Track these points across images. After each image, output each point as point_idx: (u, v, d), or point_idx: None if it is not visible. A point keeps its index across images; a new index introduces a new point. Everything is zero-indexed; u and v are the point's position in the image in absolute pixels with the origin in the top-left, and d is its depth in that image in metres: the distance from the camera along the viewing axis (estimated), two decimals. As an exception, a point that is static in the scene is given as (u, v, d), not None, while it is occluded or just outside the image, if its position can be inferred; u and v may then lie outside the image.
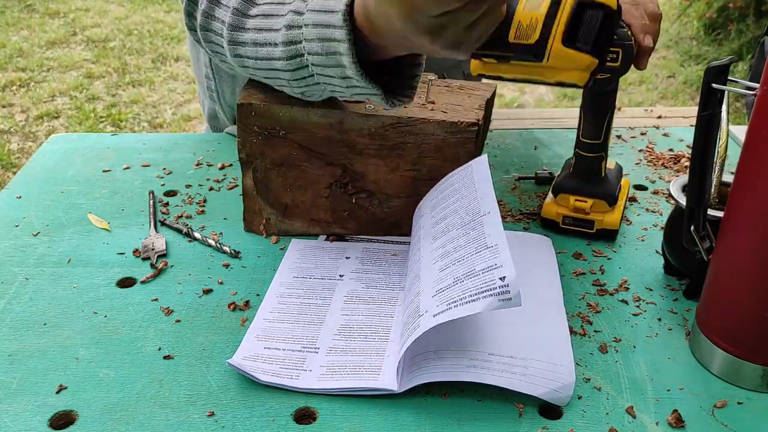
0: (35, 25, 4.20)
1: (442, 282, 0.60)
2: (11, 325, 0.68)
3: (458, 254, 0.61)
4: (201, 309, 0.70)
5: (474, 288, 0.56)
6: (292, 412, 0.58)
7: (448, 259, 0.62)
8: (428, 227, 0.69)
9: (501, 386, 0.58)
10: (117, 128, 3.08)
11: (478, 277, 0.57)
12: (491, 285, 0.55)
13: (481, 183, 0.67)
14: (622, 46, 0.71)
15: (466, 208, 0.66)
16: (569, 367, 0.61)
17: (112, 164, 0.99)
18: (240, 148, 0.78)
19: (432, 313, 0.57)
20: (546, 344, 0.63)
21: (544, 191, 0.92)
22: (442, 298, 0.58)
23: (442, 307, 0.57)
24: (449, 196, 0.70)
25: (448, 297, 0.58)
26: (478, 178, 0.68)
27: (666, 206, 0.89)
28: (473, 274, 0.58)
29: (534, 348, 0.62)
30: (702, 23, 4.00)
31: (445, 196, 0.70)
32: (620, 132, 1.09)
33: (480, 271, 0.57)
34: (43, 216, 0.86)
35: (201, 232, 0.83)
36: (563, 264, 0.77)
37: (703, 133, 0.60)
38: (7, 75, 3.51)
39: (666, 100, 3.36)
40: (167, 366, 0.63)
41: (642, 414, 0.58)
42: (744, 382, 0.61)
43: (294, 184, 0.79)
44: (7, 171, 2.70)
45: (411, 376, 0.59)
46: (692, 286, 0.71)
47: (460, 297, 0.56)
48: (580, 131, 0.79)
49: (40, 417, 0.58)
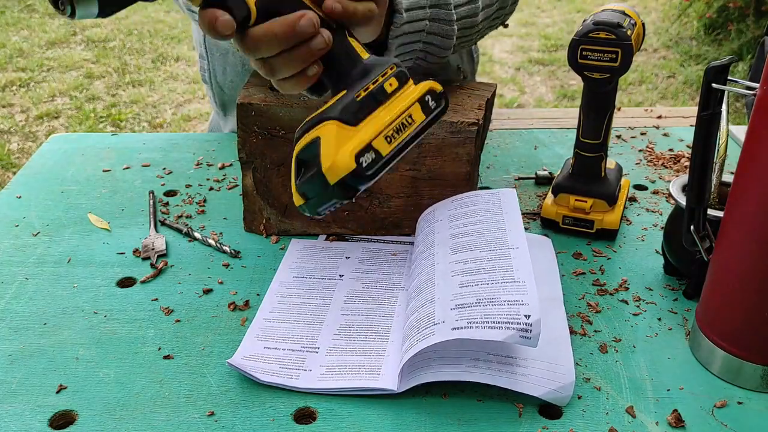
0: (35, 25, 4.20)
1: (464, 298, 0.60)
2: (11, 325, 0.68)
3: (482, 276, 0.62)
4: (201, 309, 0.70)
5: (498, 316, 0.57)
6: (292, 412, 0.58)
7: (470, 277, 0.62)
8: (445, 236, 0.69)
9: (501, 386, 0.58)
10: (117, 128, 3.08)
11: (503, 307, 0.58)
12: (515, 319, 0.56)
13: (509, 214, 0.68)
14: (620, 46, 0.71)
15: (492, 234, 0.67)
16: (569, 368, 0.61)
17: (112, 164, 0.99)
18: (240, 148, 0.78)
19: (451, 326, 0.58)
20: (546, 345, 0.63)
21: (544, 191, 0.92)
22: (462, 314, 0.59)
23: (462, 323, 0.58)
24: (472, 214, 0.70)
25: (469, 315, 0.58)
26: (506, 208, 0.69)
27: (666, 206, 0.89)
28: (498, 302, 0.58)
29: (534, 349, 0.62)
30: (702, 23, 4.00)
31: (468, 213, 0.71)
32: (620, 132, 1.09)
33: (505, 302, 0.58)
34: (43, 216, 0.86)
35: (201, 232, 0.83)
36: (563, 264, 0.77)
37: (703, 133, 0.60)
38: (7, 75, 3.51)
39: (666, 100, 3.36)
40: (167, 366, 0.63)
41: (642, 414, 0.58)
42: (744, 382, 0.61)
43: (294, 184, 0.79)
44: (7, 171, 2.70)
45: (411, 376, 0.59)
46: (692, 286, 0.71)
47: (483, 320, 0.57)
48: (580, 131, 0.79)
49: (40, 417, 0.58)
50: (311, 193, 0.51)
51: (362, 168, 0.49)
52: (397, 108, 0.52)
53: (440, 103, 0.55)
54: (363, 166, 0.49)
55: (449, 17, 0.72)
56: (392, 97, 0.53)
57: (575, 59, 0.74)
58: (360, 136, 0.50)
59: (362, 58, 0.54)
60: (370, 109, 0.52)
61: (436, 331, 0.58)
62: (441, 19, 0.72)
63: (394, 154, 0.52)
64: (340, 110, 0.50)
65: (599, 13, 0.75)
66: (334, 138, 0.49)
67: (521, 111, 1.34)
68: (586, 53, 0.73)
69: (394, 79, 0.53)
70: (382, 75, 0.53)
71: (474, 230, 0.68)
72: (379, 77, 0.53)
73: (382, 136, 0.51)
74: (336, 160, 0.49)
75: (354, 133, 0.50)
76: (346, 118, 0.50)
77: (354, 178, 0.49)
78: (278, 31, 0.52)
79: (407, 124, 0.52)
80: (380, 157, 0.50)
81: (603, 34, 0.72)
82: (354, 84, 0.52)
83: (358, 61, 0.54)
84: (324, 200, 0.51)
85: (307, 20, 0.51)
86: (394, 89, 0.53)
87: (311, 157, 0.50)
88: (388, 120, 0.51)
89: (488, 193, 0.73)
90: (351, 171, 0.49)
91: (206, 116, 3.16)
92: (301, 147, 0.51)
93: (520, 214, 0.68)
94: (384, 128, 0.51)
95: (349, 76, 0.53)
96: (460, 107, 0.76)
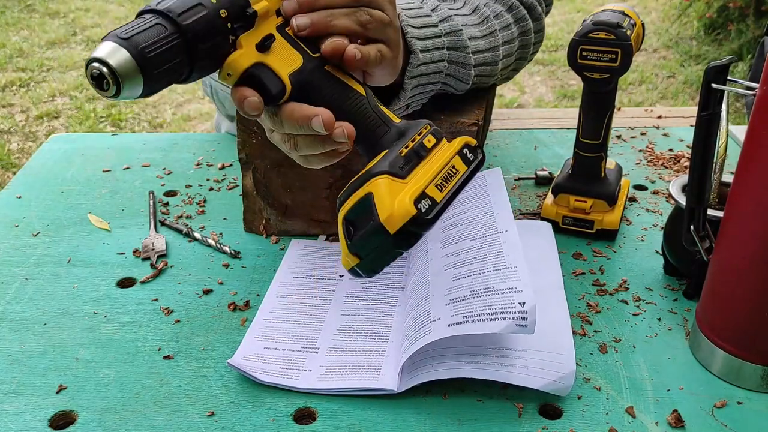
0: (35, 25, 4.20)
1: (458, 291, 0.60)
2: (11, 325, 0.68)
3: (474, 266, 0.62)
4: (201, 309, 0.70)
5: (492, 307, 0.57)
6: (292, 412, 0.58)
7: (462, 268, 0.62)
8: (437, 230, 0.69)
9: (501, 381, 0.58)
10: (117, 128, 3.08)
11: (497, 297, 0.57)
12: (510, 308, 0.56)
13: (496, 196, 0.68)
14: (620, 46, 0.71)
15: (481, 220, 0.66)
16: (570, 356, 0.60)
17: (112, 164, 0.99)
18: (240, 148, 0.78)
19: (447, 322, 0.58)
20: (545, 334, 0.62)
21: (544, 191, 0.92)
22: (457, 308, 0.58)
23: (457, 318, 0.58)
24: (461, 202, 0.70)
25: (464, 309, 0.58)
26: (492, 190, 0.68)
27: (666, 206, 0.89)
28: (491, 291, 0.58)
29: (533, 338, 0.62)
30: (702, 23, 4.00)
31: (456, 203, 0.70)
32: (620, 132, 1.09)
33: (499, 291, 0.58)
34: (43, 216, 0.86)
35: (201, 232, 0.83)
36: (563, 264, 0.77)
37: (703, 133, 0.60)
38: (7, 75, 3.51)
39: (666, 100, 3.36)
40: (167, 366, 0.63)
41: (642, 414, 0.58)
42: (744, 382, 0.61)
43: (294, 185, 0.79)
44: (7, 171, 2.70)
45: (410, 376, 0.59)
46: (692, 286, 0.71)
47: (478, 313, 0.57)
48: (580, 131, 0.79)
49: (40, 417, 0.58)
50: (366, 250, 0.51)
51: (422, 213, 0.49)
52: (440, 161, 0.54)
53: (477, 155, 0.57)
54: (422, 211, 0.49)
55: (467, 61, 0.72)
56: (433, 152, 0.54)
57: (575, 59, 0.74)
58: (412, 185, 0.51)
59: (395, 123, 0.56)
60: (416, 163, 0.53)
61: (433, 328, 0.58)
62: (458, 62, 0.73)
63: (447, 200, 0.52)
64: (389, 165, 0.51)
65: (599, 14, 0.75)
66: (387, 191, 0.50)
67: (521, 111, 1.34)
68: (585, 53, 0.73)
69: (431, 136, 0.55)
70: (419, 134, 0.55)
71: (463, 219, 0.68)
72: (416, 135, 0.55)
73: (433, 184, 0.52)
74: (395, 209, 0.49)
75: (405, 185, 0.51)
76: (395, 171, 0.51)
77: (415, 223, 0.49)
78: (298, 118, 0.53)
79: (452, 174, 0.54)
80: (436, 203, 0.51)
81: (603, 34, 0.72)
82: (393, 145, 0.54)
83: (391, 125, 0.55)
84: (382, 254, 0.51)
85: (318, 122, 0.53)
86: (432, 145, 0.55)
87: (364, 214, 0.50)
88: (436, 170, 0.53)
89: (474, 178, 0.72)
90: (412, 216, 0.49)
91: (206, 116, 3.16)
92: (350, 207, 0.52)
93: (506, 194, 0.67)
94: (433, 178, 0.52)
95: (386, 140, 0.55)
96: (460, 107, 0.76)
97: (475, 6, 0.78)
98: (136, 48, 0.45)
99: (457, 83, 0.74)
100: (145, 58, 0.46)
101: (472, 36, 0.74)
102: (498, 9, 0.80)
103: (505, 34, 0.79)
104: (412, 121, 0.56)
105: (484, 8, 0.78)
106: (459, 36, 0.72)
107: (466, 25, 0.74)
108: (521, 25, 0.82)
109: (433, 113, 0.74)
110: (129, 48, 0.45)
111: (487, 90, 0.82)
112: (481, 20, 0.77)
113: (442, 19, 0.72)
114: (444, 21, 0.72)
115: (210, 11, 0.49)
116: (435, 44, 0.70)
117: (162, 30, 0.47)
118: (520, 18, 0.81)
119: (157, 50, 0.46)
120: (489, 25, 0.77)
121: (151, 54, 0.46)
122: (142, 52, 0.45)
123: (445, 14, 0.72)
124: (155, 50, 0.46)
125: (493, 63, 0.77)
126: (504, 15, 0.80)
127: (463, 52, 0.72)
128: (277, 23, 0.54)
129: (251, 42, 0.52)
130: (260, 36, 0.53)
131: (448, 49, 0.71)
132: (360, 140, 0.55)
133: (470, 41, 0.73)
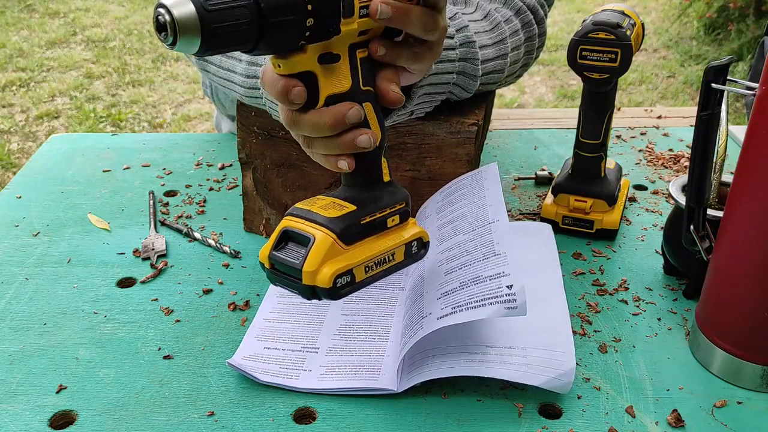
0: (35, 25, 4.20)
1: (448, 285, 0.60)
2: (11, 325, 0.68)
3: (465, 259, 0.61)
4: (201, 309, 0.70)
5: (480, 294, 0.57)
6: (292, 412, 0.58)
7: (454, 262, 0.62)
8: (434, 230, 0.69)
9: (501, 378, 0.58)
10: (117, 128, 3.08)
11: (485, 284, 0.57)
12: (498, 292, 0.56)
13: (490, 190, 0.67)
14: (620, 46, 0.71)
15: (474, 213, 0.66)
16: (569, 353, 0.60)
17: (112, 164, 0.99)
18: (240, 148, 0.78)
19: (436, 315, 0.57)
20: (545, 331, 0.62)
21: (544, 191, 0.92)
22: (447, 301, 0.58)
23: (446, 310, 0.57)
24: (457, 200, 0.70)
25: (454, 301, 0.58)
26: (487, 184, 0.68)
27: (666, 206, 0.89)
28: (480, 279, 0.58)
29: (533, 336, 0.62)
30: (702, 23, 4.00)
31: (453, 200, 0.70)
32: (620, 132, 1.09)
33: (487, 278, 0.58)
34: (43, 216, 0.86)
35: (201, 232, 0.83)
36: (563, 264, 0.77)
37: (702, 133, 0.60)
38: (7, 75, 3.51)
39: (666, 100, 3.36)
40: (167, 366, 0.63)
41: (642, 414, 0.58)
42: (744, 382, 0.61)
43: (294, 184, 0.79)
44: (7, 171, 2.70)
45: (410, 376, 0.59)
46: (692, 286, 0.71)
47: (466, 302, 0.57)
48: (580, 131, 0.79)
49: (40, 417, 0.58)
50: (279, 268, 0.54)
51: (335, 288, 0.53)
52: (387, 244, 0.57)
53: (420, 250, 0.60)
54: (336, 287, 0.53)
55: (475, 72, 0.72)
56: (388, 231, 0.57)
57: (575, 59, 0.74)
58: (346, 258, 0.54)
59: (383, 182, 0.58)
60: (366, 236, 0.56)
61: (424, 324, 0.58)
62: (467, 74, 0.72)
63: (365, 282, 0.56)
64: (342, 229, 0.54)
65: (599, 14, 0.75)
66: (325, 250, 0.53)
67: (521, 111, 1.34)
68: (585, 53, 0.73)
69: (398, 216, 0.58)
70: (390, 208, 0.57)
71: (458, 215, 0.68)
72: (387, 209, 0.57)
73: (363, 265, 0.55)
74: (317, 275, 0.52)
75: (343, 254, 0.54)
76: (344, 238, 0.54)
77: (324, 292, 0.53)
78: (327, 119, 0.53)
79: (387, 261, 0.57)
80: (353, 282, 0.55)
81: (602, 34, 0.72)
82: (365, 205, 0.56)
83: (379, 183, 0.58)
84: (287, 283, 0.55)
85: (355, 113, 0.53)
86: (393, 224, 0.58)
87: (297, 245, 0.54)
88: (375, 253, 0.56)
89: (471, 174, 0.72)
90: (325, 287, 0.53)
91: (206, 116, 3.16)
92: (294, 228, 0.54)
93: (501, 187, 0.67)
94: (368, 259, 0.55)
95: (365, 195, 0.57)
96: (460, 107, 0.76)
97: (487, 11, 0.78)
98: (202, 5, 0.44)
99: (461, 92, 0.74)
100: (209, 14, 0.44)
101: (483, 45, 0.74)
102: (508, 14, 0.80)
103: (513, 40, 0.79)
104: (396, 189, 0.58)
105: (495, 13, 0.78)
106: (472, 47, 0.72)
107: (478, 32, 0.74)
108: (527, 30, 0.82)
109: (433, 113, 0.74)
110: (195, 1, 0.44)
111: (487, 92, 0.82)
112: (492, 26, 0.77)
113: (459, 29, 0.71)
114: (460, 31, 0.71)
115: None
116: (448, 56, 0.70)
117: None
118: (526, 23, 0.81)
119: (223, 9, 0.45)
120: (500, 32, 0.77)
121: (215, 11, 0.44)
122: (207, 9, 0.44)
123: (461, 24, 0.72)
124: (220, 7, 0.44)
125: (500, 71, 0.77)
126: (513, 20, 0.80)
127: (473, 63, 0.72)
128: (352, 41, 0.53)
129: (317, 51, 0.51)
130: (328, 49, 0.52)
131: (459, 60, 0.71)
132: (351, 175, 0.57)
133: (480, 50, 0.73)
